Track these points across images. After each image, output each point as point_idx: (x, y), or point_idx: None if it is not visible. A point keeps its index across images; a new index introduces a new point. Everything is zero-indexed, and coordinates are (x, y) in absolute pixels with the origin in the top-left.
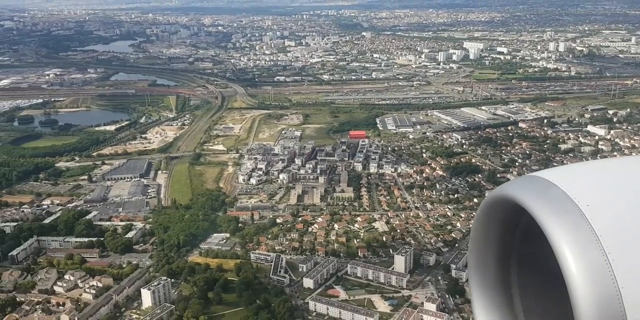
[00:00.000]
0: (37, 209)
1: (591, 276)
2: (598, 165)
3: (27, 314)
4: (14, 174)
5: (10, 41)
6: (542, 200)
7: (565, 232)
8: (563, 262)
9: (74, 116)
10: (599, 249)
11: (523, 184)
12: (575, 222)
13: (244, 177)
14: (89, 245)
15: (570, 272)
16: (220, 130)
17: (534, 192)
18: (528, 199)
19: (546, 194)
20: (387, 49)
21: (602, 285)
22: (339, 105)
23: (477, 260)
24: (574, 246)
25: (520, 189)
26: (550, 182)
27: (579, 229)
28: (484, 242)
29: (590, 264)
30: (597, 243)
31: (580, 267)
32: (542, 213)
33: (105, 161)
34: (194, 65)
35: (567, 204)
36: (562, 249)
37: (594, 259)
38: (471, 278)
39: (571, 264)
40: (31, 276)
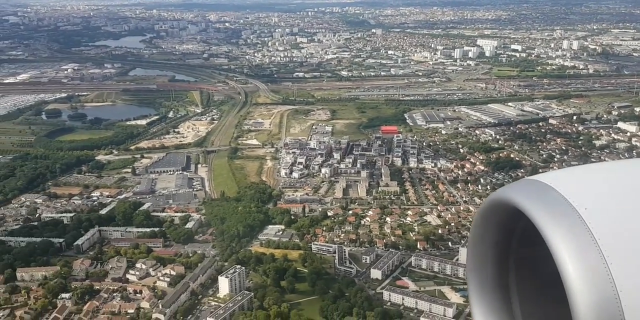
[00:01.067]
0: (87, 200)
1: (589, 280)
2: (597, 169)
3: (106, 302)
4: (57, 166)
5: (19, 36)
6: (541, 203)
7: (564, 235)
8: (561, 266)
9: (101, 110)
10: (597, 252)
11: (521, 187)
12: (574, 226)
13: (286, 171)
14: (151, 235)
15: (569, 276)
16: (251, 125)
17: (532, 196)
18: (526, 203)
19: (544, 198)
20: (400, 46)
21: (600, 289)
22: (364, 101)
23: (475, 263)
24: (572, 250)
25: (518, 193)
26: (549, 186)
27: (577, 233)
28: (482, 246)
29: (589, 267)
30: (595, 247)
31: (579, 270)
32: (540, 216)
33: (144, 155)
34: (209, 61)
35: (566, 208)
36: (560, 253)
37: (593, 262)
38: (470, 281)
39: (569, 267)
40: (101, 265)
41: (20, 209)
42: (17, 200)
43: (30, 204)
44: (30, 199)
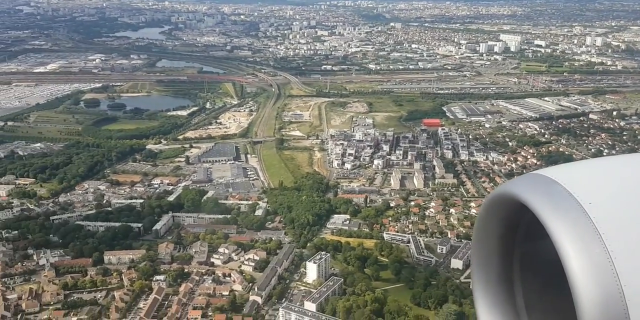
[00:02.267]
0: (149, 187)
1: (593, 274)
2: (602, 163)
3: (197, 284)
4: (112, 154)
5: (38, 26)
6: (545, 198)
7: (568, 230)
8: (565, 260)
9: (138, 101)
10: (601, 247)
11: (526, 181)
12: (578, 221)
13: (338, 162)
14: (224, 222)
15: (573, 270)
16: (290, 116)
17: (536, 190)
18: (531, 197)
19: (549, 192)
20: (422, 39)
21: (604, 284)
22: (398, 94)
23: (479, 257)
24: (576, 244)
25: (523, 187)
26: (553, 180)
27: (581, 227)
28: (486, 240)
29: (593, 262)
30: (599, 241)
31: (583, 265)
32: (544, 211)
33: (193, 144)
34: (233, 53)
35: (570, 202)
36: (564, 247)
37: (597, 257)
38: (474, 275)
39: (573, 262)
40: (184, 249)
41: (86, 195)
42: (81, 187)
43: (94, 190)
44: (94, 185)
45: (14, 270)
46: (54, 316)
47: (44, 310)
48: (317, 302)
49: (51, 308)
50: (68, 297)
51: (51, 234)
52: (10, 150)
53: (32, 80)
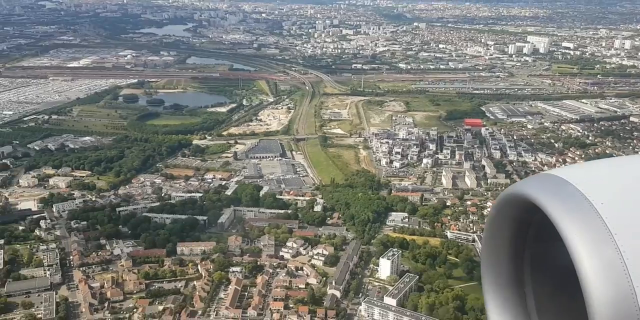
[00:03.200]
0: (203, 182)
1: (605, 275)
2: (613, 163)
3: (272, 277)
4: (163, 149)
5: (63, 21)
6: (557, 198)
7: (580, 230)
8: (577, 261)
9: (175, 97)
10: (613, 247)
11: (537, 182)
12: (590, 221)
13: (386, 160)
14: (285, 216)
15: (584, 271)
16: (329, 114)
17: (548, 190)
18: (542, 197)
19: (560, 192)
20: (448, 40)
21: (616, 285)
22: (434, 94)
23: (490, 258)
24: (588, 245)
25: (534, 187)
26: (565, 180)
27: (593, 228)
28: (497, 240)
29: (605, 262)
30: (611, 242)
31: (595, 266)
32: (556, 211)
33: (238, 141)
34: (260, 51)
35: (582, 203)
36: (576, 248)
37: (609, 257)
38: (484, 276)
39: (585, 262)
40: (251, 242)
41: (144, 188)
42: (137, 180)
43: (150, 183)
44: (149, 179)
45: (91, 260)
46: (140, 304)
47: (127, 299)
48: (397, 297)
49: (135, 296)
50: (149, 286)
51: (120, 225)
52: (60, 143)
53: (67, 75)
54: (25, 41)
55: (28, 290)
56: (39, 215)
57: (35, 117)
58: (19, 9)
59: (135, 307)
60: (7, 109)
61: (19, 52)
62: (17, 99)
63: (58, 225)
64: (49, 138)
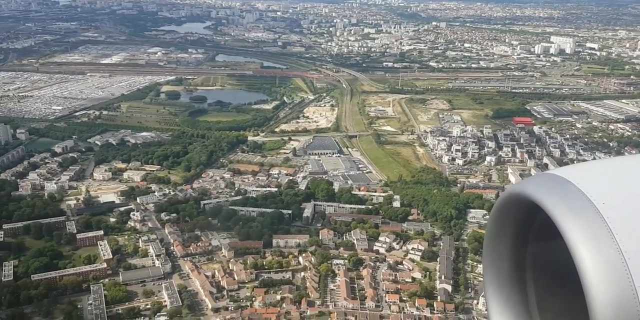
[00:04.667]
0: (271, 177)
1: (607, 275)
2: (615, 163)
3: (375, 270)
4: (223, 145)
5: (82, 18)
6: (558, 198)
7: (581, 230)
8: (578, 261)
9: (215, 94)
10: (615, 247)
11: (539, 181)
12: (591, 221)
13: (449, 157)
14: (366, 211)
15: (586, 271)
16: (374, 112)
17: (550, 190)
18: (544, 197)
19: (562, 192)
20: (472, 39)
21: (618, 285)
22: (475, 93)
23: (492, 257)
24: (589, 245)
25: (536, 187)
26: (567, 180)
27: (594, 228)
28: (499, 240)
29: (606, 262)
30: (613, 242)
31: (596, 266)
32: (557, 211)
33: (292, 137)
34: (286, 49)
35: (583, 202)
36: (577, 248)
37: (610, 257)
38: (486, 274)
39: (587, 262)
40: (342, 236)
41: (217, 182)
42: (206, 175)
43: (220, 178)
44: (218, 173)
45: (193, 250)
46: (257, 293)
47: (241, 288)
48: None
49: (249, 286)
50: (258, 276)
51: (209, 217)
52: (120, 138)
53: (104, 71)
54: (51, 37)
55: (143, 279)
56: (127, 208)
57: (86, 113)
58: (35, 6)
59: (253, 295)
60: (55, 104)
61: (48, 48)
62: (62, 95)
63: (147, 217)
64: (107, 133)
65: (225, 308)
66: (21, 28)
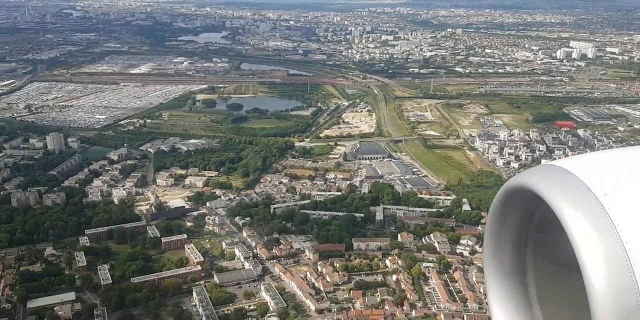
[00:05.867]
0: (328, 182)
1: (607, 266)
2: (616, 154)
3: (465, 273)
4: (275, 151)
5: (99, 29)
6: (559, 189)
7: (582, 221)
8: (579, 252)
9: (250, 101)
10: (616, 238)
11: (540, 172)
12: (593, 212)
13: (503, 160)
14: (437, 215)
15: (586, 262)
16: (414, 117)
17: (551, 181)
18: (545, 188)
19: (563, 183)
20: (492, 44)
21: (618, 275)
22: (510, 97)
23: (492, 248)
24: (590, 235)
25: (537, 178)
26: (568, 171)
27: (596, 219)
28: (500, 231)
29: (607, 253)
30: (614, 233)
31: (597, 256)
32: (559, 202)
33: (338, 142)
34: (308, 57)
35: (585, 193)
36: (578, 238)
37: (611, 248)
38: (486, 266)
39: (587, 253)
40: (421, 239)
41: (279, 187)
42: (264, 180)
43: (278, 183)
44: (276, 178)
45: (277, 253)
46: (354, 295)
47: (336, 290)
48: None
49: (344, 288)
50: (350, 278)
51: (283, 221)
52: (170, 145)
53: (136, 81)
54: (74, 48)
55: (238, 281)
56: (199, 212)
57: (130, 121)
58: (50, 17)
59: (351, 298)
60: (97, 113)
61: (74, 58)
62: (101, 104)
63: (219, 221)
64: (156, 141)
65: (328, 309)
66: (42, 39)
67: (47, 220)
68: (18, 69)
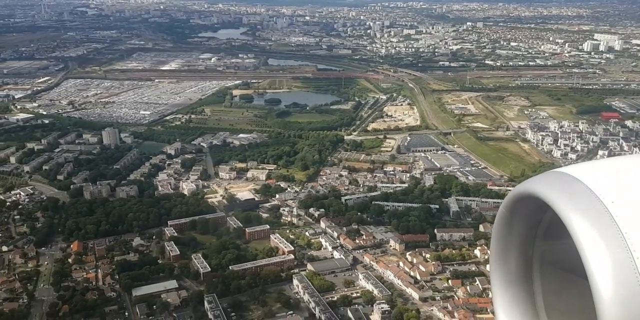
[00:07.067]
0: (387, 174)
1: (615, 274)
2: (624, 161)
3: None
4: (327, 144)
5: (119, 26)
6: (566, 196)
7: (590, 229)
8: (586, 259)
9: (286, 96)
10: (624, 247)
11: (547, 179)
12: (600, 219)
13: (561, 151)
14: None
15: (594, 270)
16: (456, 109)
17: (558, 188)
18: (552, 195)
19: (570, 190)
20: (516, 38)
21: (626, 284)
22: (548, 89)
23: (499, 256)
24: (598, 244)
25: (544, 185)
26: (575, 178)
27: (603, 226)
28: (506, 238)
29: (615, 261)
30: (622, 240)
31: (604, 264)
32: (565, 209)
33: (386, 135)
34: (333, 52)
35: (592, 201)
36: (585, 246)
37: (619, 256)
38: (493, 273)
39: (595, 261)
40: None
41: (342, 179)
42: (324, 173)
43: (338, 175)
44: (335, 171)
45: (362, 243)
46: (454, 284)
47: (433, 279)
48: None
49: (441, 277)
50: (444, 268)
51: (357, 212)
52: (222, 139)
53: (170, 78)
54: (100, 46)
55: (332, 270)
56: (272, 204)
57: (175, 117)
58: (67, 15)
59: (451, 286)
60: (141, 109)
61: (103, 56)
62: (142, 100)
63: (296, 212)
64: (206, 135)
65: (432, 298)
66: (64, 37)
67: (129, 212)
68: (50, 67)
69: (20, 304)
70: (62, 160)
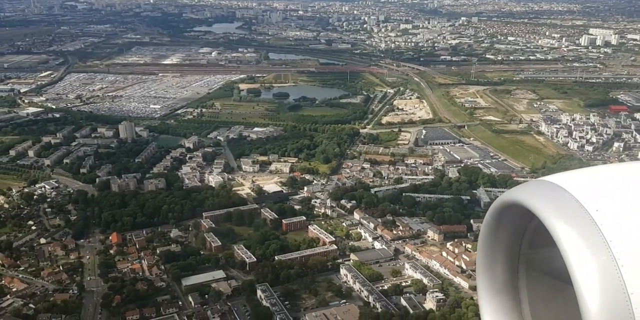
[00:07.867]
0: (411, 166)
1: (600, 282)
2: (608, 170)
3: None
4: (345, 137)
5: (111, 21)
6: (551, 204)
7: (574, 237)
8: (572, 268)
9: (293, 90)
10: (608, 254)
11: (532, 188)
12: (585, 227)
13: (577, 144)
14: None
15: (579, 278)
16: (466, 102)
17: (543, 197)
18: (537, 204)
19: (555, 199)
20: (512, 32)
21: (611, 291)
22: (552, 83)
23: (485, 264)
24: (583, 252)
25: (529, 194)
26: (560, 187)
27: (588, 234)
28: (492, 247)
29: (600, 269)
30: (606, 248)
31: (589, 272)
32: (551, 218)
33: (401, 129)
34: (332, 46)
35: (577, 209)
36: (570, 254)
37: (604, 264)
38: (479, 282)
39: (580, 269)
40: None
41: (365, 172)
42: (346, 165)
43: (361, 168)
44: (357, 164)
45: (401, 234)
46: None
47: None
48: None
49: None
50: None
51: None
52: (238, 133)
53: (173, 72)
54: (97, 40)
55: (377, 260)
56: (301, 196)
57: (186, 111)
58: (58, 9)
59: None
60: (150, 103)
61: (101, 50)
62: (149, 94)
63: (325, 204)
64: (222, 129)
65: None
66: (58, 31)
67: (163, 204)
68: (50, 61)
69: (71, 295)
70: (81, 154)
